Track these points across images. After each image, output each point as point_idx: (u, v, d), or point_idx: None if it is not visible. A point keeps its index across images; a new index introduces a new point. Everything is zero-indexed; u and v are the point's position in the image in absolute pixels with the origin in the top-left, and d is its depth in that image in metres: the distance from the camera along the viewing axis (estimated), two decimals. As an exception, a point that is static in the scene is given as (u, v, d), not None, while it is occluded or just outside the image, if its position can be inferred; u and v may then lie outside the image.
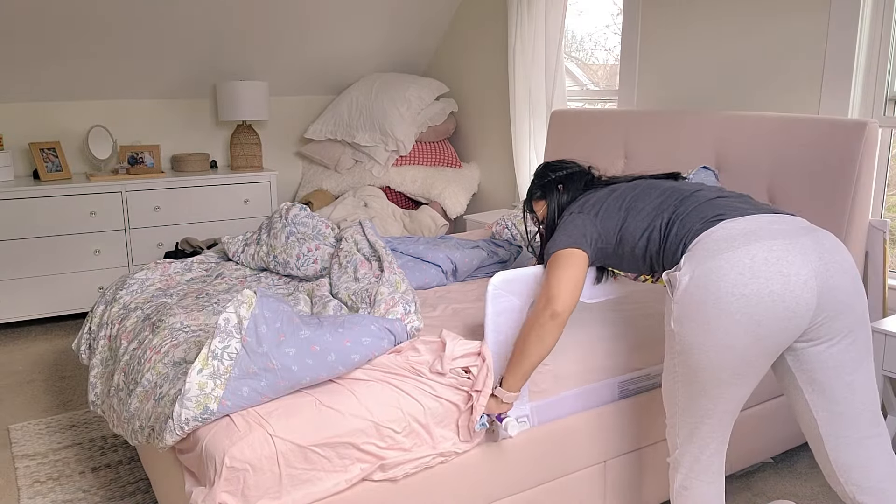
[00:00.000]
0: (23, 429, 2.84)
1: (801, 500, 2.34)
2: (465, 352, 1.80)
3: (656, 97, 3.39)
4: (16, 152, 4.19)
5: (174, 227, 4.22)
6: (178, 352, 1.91)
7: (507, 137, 4.39)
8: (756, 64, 2.92)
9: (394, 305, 1.98)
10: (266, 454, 1.58)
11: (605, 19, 4.04)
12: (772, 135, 2.64)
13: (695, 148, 2.92)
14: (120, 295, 2.47)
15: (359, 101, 4.61)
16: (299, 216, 2.79)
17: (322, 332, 1.72)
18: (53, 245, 3.91)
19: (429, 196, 4.50)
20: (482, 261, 2.68)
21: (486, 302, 1.80)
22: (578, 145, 3.49)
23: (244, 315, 1.65)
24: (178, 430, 1.59)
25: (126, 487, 2.42)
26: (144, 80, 4.30)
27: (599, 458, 2.05)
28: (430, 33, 4.80)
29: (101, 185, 3.98)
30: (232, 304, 1.67)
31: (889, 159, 2.63)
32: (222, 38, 4.19)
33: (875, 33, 2.57)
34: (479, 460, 1.86)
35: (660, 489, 2.19)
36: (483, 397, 1.75)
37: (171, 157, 4.60)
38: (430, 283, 2.56)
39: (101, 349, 2.35)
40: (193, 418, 1.59)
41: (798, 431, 2.51)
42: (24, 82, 4.00)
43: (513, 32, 3.96)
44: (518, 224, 3.03)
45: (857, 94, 2.62)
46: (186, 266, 2.74)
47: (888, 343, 2.19)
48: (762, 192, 2.67)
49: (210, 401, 1.58)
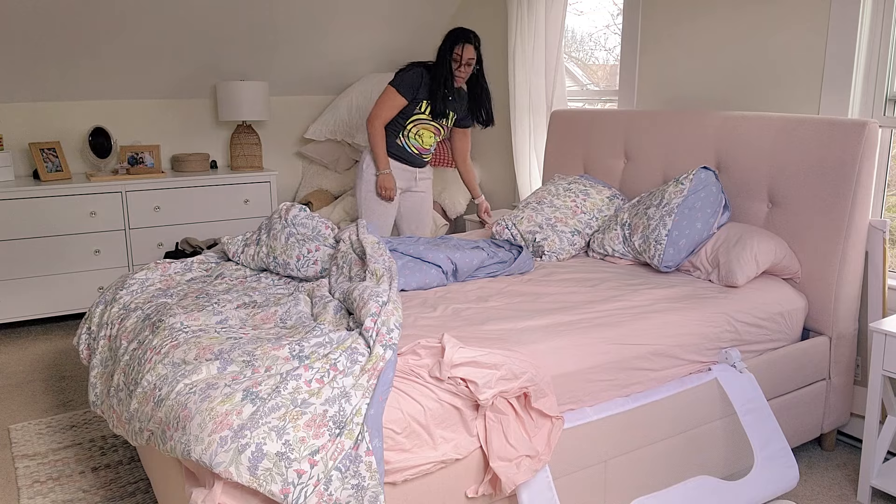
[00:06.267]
0: (23, 429, 2.84)
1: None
2: (463, 360, 1.80)
3: (656, 97, 3.39)
4: (16, 152, 4.19)
5: (174, 227, 4.22)
6: (178, 352, 1.91)
7: (507, 137, 4.39)
8: (756, 64, 2.92)
9: (364, 305, 1.97)
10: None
11: (605, 19, 4.04)
12: (772, 135, 2.64)
13: (695, 148, 2.92)
14: (120, 295, 2.47)
15: (359, 102, 4.61)
16: (299, 217, 2.79)
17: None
18: (53, 245, 3.91)
19: (429, 196, 4.50)
20: (482, 261, 2.68)
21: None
22: (578, 145, 3.49)
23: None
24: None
25: (126, 487, 2.42)
26: (144, 80, 4.30)
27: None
28: (430, 33, 4.80)
29: (101, 185, 3.98)
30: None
31: (889, 159, 2.63)
32: (222, 38, 4.19)
33: (875, 33, 2.56)
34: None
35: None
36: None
37: (171, 157, 4.60)
38: (431, 284, 2.56)
39: (101, 349, 2.35)
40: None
41: (797, 430, 2.51)
42: (24, 82, 3.99)
43: (513, 32, 3.95)
44: (518, 224, 3.03)
45: (857, 95, 2.62)
46: (186, 266, 2.73)
47: (888, 343, 2.19)
48: (762, 193, 2.68)
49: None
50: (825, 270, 2.49)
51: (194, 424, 1.59)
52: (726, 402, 2.26)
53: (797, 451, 2.65)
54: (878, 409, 2.25)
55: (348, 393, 1.68)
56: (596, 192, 3.08)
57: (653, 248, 2.64)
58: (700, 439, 2.23)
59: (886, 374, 2.22)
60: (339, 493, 1.56)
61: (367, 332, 1.85)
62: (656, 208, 2.71)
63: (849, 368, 2.59)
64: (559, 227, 2.98)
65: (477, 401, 1.80)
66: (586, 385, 2.04)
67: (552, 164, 3.64)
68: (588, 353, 2.05)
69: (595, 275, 2.68)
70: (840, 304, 2.49)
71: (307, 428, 1.59)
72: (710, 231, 2.62)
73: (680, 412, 2.17)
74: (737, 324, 2.33)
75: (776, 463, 2.20)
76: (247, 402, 1.61)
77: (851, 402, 2.65)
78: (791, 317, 2.48)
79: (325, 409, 1.63)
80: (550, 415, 1.89)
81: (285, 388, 1.65)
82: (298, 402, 1.63)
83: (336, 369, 1.73)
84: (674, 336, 2.20)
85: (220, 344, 1.90)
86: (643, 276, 2.65)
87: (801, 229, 2.55)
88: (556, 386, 1.98)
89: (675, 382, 2.20)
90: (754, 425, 2.22)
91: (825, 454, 2.63)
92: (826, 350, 2.52)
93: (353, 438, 1.61)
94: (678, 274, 2.67)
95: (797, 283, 2.57)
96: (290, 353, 1.79)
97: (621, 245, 2.83)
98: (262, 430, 1.55)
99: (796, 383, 2.47)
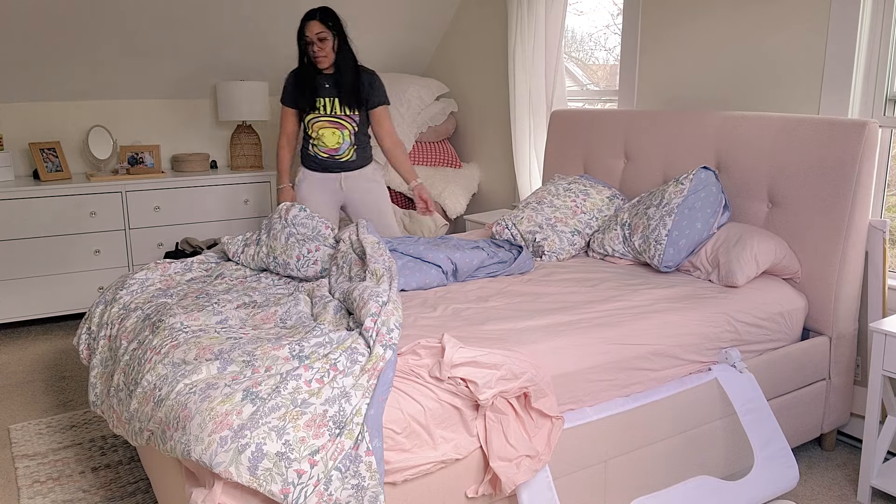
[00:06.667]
0: (23, 429, 2.84)
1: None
2: (463, 360, 1.80)
3: (656, 97, 3.39)
4: (16, 152, 4.19)
5: (174, 227, 4.22)
6: (178, 352, 1.91)
7: (507, 137, 4.39)
8: (756, 64, 2.92)
9: (364, 305, 1.97)
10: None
11: (605, 19, 4.04)
12: (772, 135, 2.64)
13: (695, 148, 2.92)
14: (120, 295, 2.47)
15: (359, 101, 4.61)
16: (299, 217, 2.79)
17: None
18: (53, 245, 3.91)
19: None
20: (482, 261, 2.68)
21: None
22: (578, 145, 3.49)
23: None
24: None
25: (126, 487, 2.42)
26: (144, 80, 4.30)
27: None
28: (430, 33, 4.80)
29: (101, 185, 3.98)
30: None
31: (889, 159, 2.63)
32: (222, 38, 4.19)
33: (875, 33, 2.56)
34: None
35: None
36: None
37: (171, 157, 4.60)
38: (431, 284, 2.56)
39: (101, 349, 2.35)
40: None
41: (797, 430, 2.51)
42: (24, 82, 3.99)
43: (513, 32, 3.95)
44: (518, 224, 3.03)
45: (857, 95, 2.62)
46: (186, 266, 2.73)
47: (888, 343, 2.19)
48: (762, 193, 2.68)
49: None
50: (825, 270, 2.49)
51: (194, 424, 1.59)
52: (726, 402, 2.26)
53: (797, 451, 2.65)
54: (878, 409, 2.25)
55: (348, 393, 1.68)
56: (596, 192, 3.08)
57: (653, 248, 2.64)
58: (700, 439, 2.23)
59: (886, 374, 2.22)
60: (339, 492, 1.56)
61: (367, 332, 1.85)
62: (656, 208, 2.71)
63: (849, 368, 2.59)
64: (559, 227, 2.98)
65: (477, 401, 1.80)
66: (586, 385, 2.04)
67: (552, 164, 3.64)
68: (588, 353, 2.05)
69: (595, 275, 2.68)
70: (840, 304, 2.49)
71: (307, 428, 1.59)
72: (710, 231, 2.62)
73: (680, 412, 2.17)
74: (737, 324, 2.33)
75: (776, 463, 2.20)
76: (247, 402, 1.61)
77: (851, 402, 2.65)
78: (791, 317, 2.48)
79: (325, 409, 1.63)
80: (550, 415, 1.89)
81: (285, 388, 1.65)
82: (298, 402, 1.63)
83: (336, 369, 1.73)
84: (674, 336, 2.20)
85: (220, 344, 1.90)
86: (643, 276, 2.65)
87: (801, 229, 2.55)
88: (556, 386, 1.98)
89: (675, 382, 2.20)
90: (754, 425, 2.22)
91: (825, 454, 2.63)
92: (826, 350, 2.52)
93: (353, 438, 1.61)
94: (678, 274, 2.67)
95: (797, 283, 2.57)
96: (290, 353, 1.79)
97: (621, 245, 2.83)
98: (262, 430, 1.55)
99: (796, 383, 2.47)
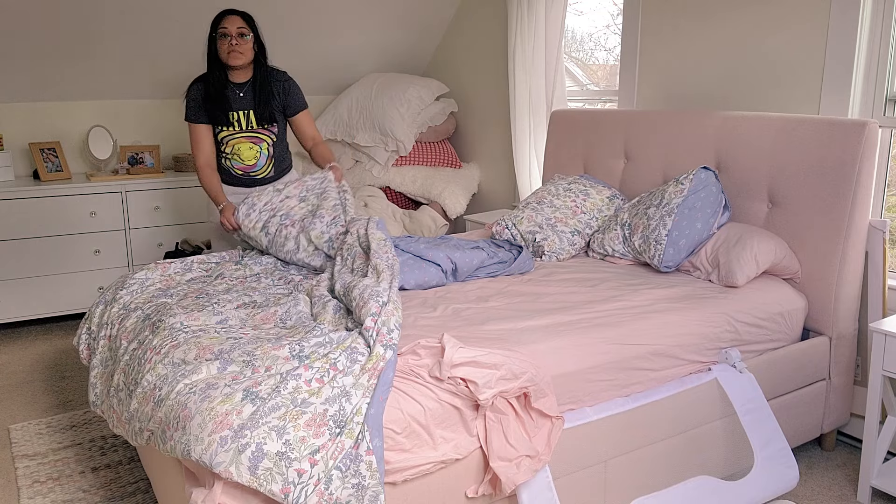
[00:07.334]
0: (23, 429, 2.84)
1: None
2: (463, 359, 1.80)
3: (656, 97, 3.39)
4: (16, 152, 4.19)
5: (174, 227, 4.22)
6: (178, 352, 1.91)
7: (507, 137, 4.39)
8: (756, 64, 2.92)
9: (364, 304, 1.97)
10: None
11: (605, 19, 4.04)
12: (772, 135, 2.64)
13: (695, 148, 2.92)
14: (120, 295, 2.47)
15: (359, 102, 4.61)
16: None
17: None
18: (53, 245, 3.91)
19: (429, 196, 4.50)
20: (482, 261, 2.68)
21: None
22: (578, 145, 3.49)
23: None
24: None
25: (126, 487, 2.42)
26: (144, 80, 4.30)
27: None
28: (430, 33, 4.80)
29: (101, 185, 3.98)
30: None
31: (889, 159, 2.63)
32: (222, 38, 4.19)
33: (875, 33, 2.56)
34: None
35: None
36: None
37: (171, 157, 4.59)
38: (430, 282, 2.56)
39: (101, 349, 2.36)
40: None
41: (797, 430, 2.51)
42: (24, 82, 3.99)
43: (513, 32, 3.95)
44: (518, 224, 3.03)
45: (857, 95, 2.62)
46: (186, 266, 2.74)
47: (888, 343, 2.19)
48: (762, 193, 2.68)
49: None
50: (825, 270, 2.49)
51: (194, 424, 1.59)
52: (726, 402, 2.26)
53: (797, 451, 2.65)
54: (878, 410, 2.25)
55: (348, 392, 1.68)
56: (596, 192, 3.08)
57: (653, 248, 2.64)
58: (700, 439, 2.23)
59: (886, 374, 2.22)
60: (340, 492, 1.56)
61: (368, 331, 1.85)
62: (656, 208, 2.71)
63: (849, 368, 2.59)
64: (559, 227, 2.98)
65: (477, 401, 1.80)
66: (586, 385, 2.04)
67: (552, 164, 3.64)
68: (588, 353, 2.05)
69: (595, 275, 2.68)
70: (840, 304, 2.49)
71: (307, 427, 1.59)
72: (710, 231, 2.62)
73: (680, 412, 2.17)
74: (737, 324, 2.33)
75: (776, 463, 2.20)
76: (247, 401, 1.61)
77: (851, 402, 2.65)
78: (791, 317, 2.48)
79: (325, 408, 1.63)
80: (550, 415, 1.89)
81: (285, 388, 1.65)
82: (298, 402, 1.63)
83: (336, 369, 1.73)
84: (674, 336, 2.20)
85: (220, 344, 1.90)
86: (643, 276, 2.65)
87: (801, 229, 2.55)
88: (556, 386, 1.98)
89: (675, 382, 2.20)
90: (754, 425, 2.22)
91: (825, 454, 2.63)
92: (826, 350, 2.52)
93: (353, 438, 1.61)
94: (678, 274, 2.67)
95: (797, 283, 2.57)
96: (290, 352, 1.80)
97: (621, 245, 2.83)
98: (263, 430, 1.55)
99: (796, 383, 2.47)
